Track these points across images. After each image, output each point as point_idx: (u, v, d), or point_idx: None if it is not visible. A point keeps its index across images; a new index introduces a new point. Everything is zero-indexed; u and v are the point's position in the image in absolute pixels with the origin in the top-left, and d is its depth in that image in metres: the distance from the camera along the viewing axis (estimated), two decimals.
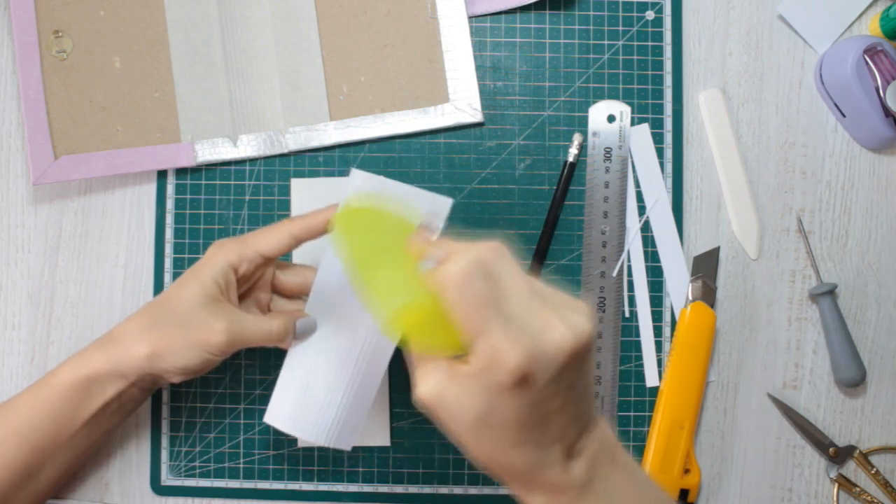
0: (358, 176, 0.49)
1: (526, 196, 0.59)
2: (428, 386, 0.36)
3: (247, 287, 0.53)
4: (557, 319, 0.35)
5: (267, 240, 0.50)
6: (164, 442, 0.58)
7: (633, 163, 0.59)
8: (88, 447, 0.53)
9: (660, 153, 0.59)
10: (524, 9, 0.60)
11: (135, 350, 0.48)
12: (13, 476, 0.49)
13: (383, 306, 0.37)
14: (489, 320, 0.34)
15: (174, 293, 0.49)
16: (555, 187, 0.59)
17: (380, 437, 0.58)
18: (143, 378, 0.50)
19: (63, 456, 0.51)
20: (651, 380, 0.59)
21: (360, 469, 0.58)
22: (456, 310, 0.34)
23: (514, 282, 0.35)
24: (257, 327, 0.49)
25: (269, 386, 0.58)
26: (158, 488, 0.58)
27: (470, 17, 0.59)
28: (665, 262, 0.59)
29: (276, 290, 0.54)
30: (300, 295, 0.53)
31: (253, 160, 0.59)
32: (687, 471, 0.57)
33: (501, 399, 0.34)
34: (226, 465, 0.58)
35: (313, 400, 0.51)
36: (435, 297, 0.35)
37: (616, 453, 0.39)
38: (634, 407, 0.59)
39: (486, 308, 0.34)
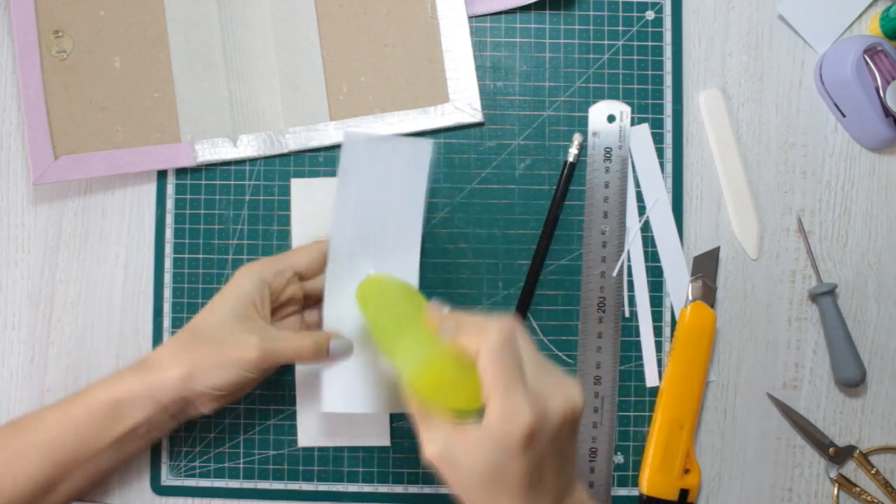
0: (350, 139, 0.51)
1: (526, 196, 0.59)
2: (436, 444, 0.39)
3: (277, 305, 0.53)
4: (560, 389, 0.40)
5: (301, 256, 0.52)
6: (164, 442, 0.58)
7: (633, 163, 0.59)
8: (108, 469, 0.53)
9: (660, 153, 0.59)
10: (524, 9, 0.60)
11: (169, 373, 0.49)
12: (33, 489, 0.49)
13: (403, 368, 0.41)
14: (513, 384, 0.38)
15: (205, 315, 0.50)
16: (555, 187, 0.59)
17: (380, 437, 0.58)
18: (176, 402, 0.50)
19: (84, 474, 0.51)
20: (651, 380, 0.59)
21: (360, 469, 0.58)
22: (489, 373, 0.38)
23: (528, 354, 0.40)
24: (289, 343, 0.50)
25: (270, 386, 0.58)
26: (158, 488, 0.58)
27: (470, 17, 0.59)
28: (665, 262, 0.59)
29: (307, 302, 0.55)
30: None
31: (253, 160, 0.59)
32: (687, 471, 0.57)
33: (510, 455, 0.38)
34: (226, 465, 0.58)
35: (358, 379, 0.52)
36: (448, 361, 0.40)
37: None
38: (634, 407, 0.59)
39: (513, 374, 0.38)
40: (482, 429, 0.38)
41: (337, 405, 0.52)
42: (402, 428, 0.58)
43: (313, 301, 0.55)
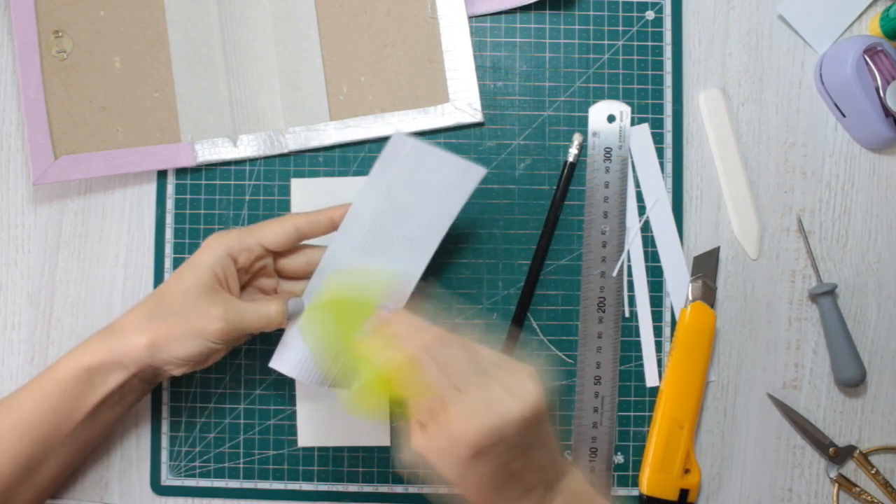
0: (398, 138, 0.51)
1: (526, 196, 0.59)
2: (415, 445, 0.40)
3: (248, 277, 0.53)
4: (507, 392, 0.38)
5: (271, 231, 0.50)
6: (164, 442, 0.58)
7: (633, 163, 0.59)
8: (90, 440, 0.53)
9: (660, 153, 0.59)
10: (524, 9, 0.60)
11: (134, 341, 0.48)
12: (15, 470, 0.49)
13: (348, 387, 0.43)
14: (439, 402, 0.37)
15: (171, 284, 0.50)
16: (555, 187, 0.59)
17: (380, 437, 0.58)
18: (144, 369, 0.50)
19: (65, 449, 0.51)
20: (651, 380, 0.59)
21: (360, 469, 0.58)
22: (409, 394, 0.38)
23: (461, 361, 0.39)
24: (255, 313, 0.49)
25: (270, 386, 0.58)
26: (158, 488, 0.58)
27: (470, 17, 0.59)
28: (665, 262, 0.59)
29: (282, 274, 0.54)
30: (306, 276, 0.53)
31: (253, 160, 0.59)
32: (687, 471, 0.57)
33: (466, 467, 0.38)
34: (226, 465, 0.58)
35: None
36: (386, 379, 0.40)
37: (592, 501, 0.43)
38: (634, 407, 0.59)
39: (438, 391, 0.38)
40: (435, 446, 0.39)
41: (285, 367, 0.52)
42: (402, 428, 0.58)
43: (288, 276, 0.54)
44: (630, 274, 0.59)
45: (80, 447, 0.52)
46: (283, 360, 0.52)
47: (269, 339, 0.57)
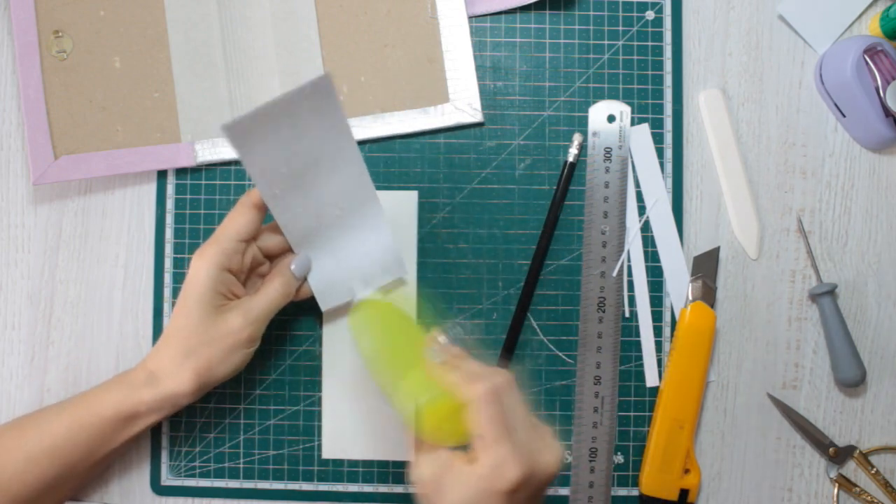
0: (230, 128, 0.45)
1: (526, 196, 0.59)
2: (427, 470, 0.43)
3: (248, 270, 0.53)
4: (548, 446, 0.43)
5: (239, 224, 0.51)
6: (164, 442, 0.58)
7: (633, 163, 0.59)
8: (115, 460, 0.55)
9: (660, 153, 0.59)
10: (524, 9, 0.60)
11: (184, 383, 0.50)
12: (42, 488, 0.50)
13: (405, 408, 0.45)
14: (500, 436, 0.41)
15: (185, 319, 0.50)
16: (555, 187, 0.59)
17: (406, 451, 0.58)
18: (192, 401, 0.52)
19: (93, 470, 0.53)
20: (651, 380, 0.59)
21: (360, 469, 0.58)
22: (476, 422, 0.41)
23: (519, 408, 0.43)
24: (268, 297, 0.51)
25: (269, 386, 0.58)
26: (158, 488, 0.58)
27: (470, 17, 0.59)
28: (665, 262, 0.59)
29: (269, 256, 0.55)
30: (287, 248, 0.54)
31: None
32: (687, 471, 0.57)
33: (490, 500, 0.41)
34: (226, 465, 0.58)
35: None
36: (451, 399, 0.43)
37: None
38: (634, 407, 0.59)
39: (500, 425, 0.41)
40: (473, 471, 0.41)
41: (333, 303, 0.54)
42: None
43: (277, 252, 0.54)
44: (630, 274, 0.59)
45: (105, 467, 0.55)
46: (326, 302, 0.54)
47: (267, 340, 0.57)
